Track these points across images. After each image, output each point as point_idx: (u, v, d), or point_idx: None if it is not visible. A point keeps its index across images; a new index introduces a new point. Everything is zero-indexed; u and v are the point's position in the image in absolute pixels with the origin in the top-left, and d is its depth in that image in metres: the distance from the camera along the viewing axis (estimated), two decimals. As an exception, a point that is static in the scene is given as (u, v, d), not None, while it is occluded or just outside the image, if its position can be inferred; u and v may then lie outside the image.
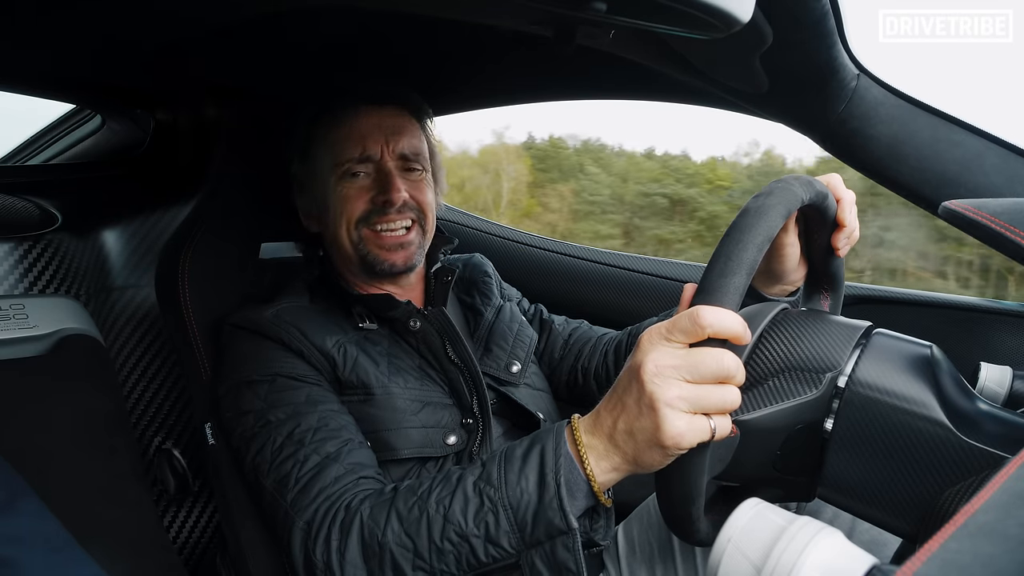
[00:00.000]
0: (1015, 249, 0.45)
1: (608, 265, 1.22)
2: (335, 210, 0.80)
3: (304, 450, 0.66)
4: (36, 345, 0.86)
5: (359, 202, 0.79)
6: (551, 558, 0.53)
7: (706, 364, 0.45)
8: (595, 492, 0.53)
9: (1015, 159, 0.68)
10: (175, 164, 1.06)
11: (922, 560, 0.21)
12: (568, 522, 0.52)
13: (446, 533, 0.55)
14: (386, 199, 0.79)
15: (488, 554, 0.54)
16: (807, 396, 0.47)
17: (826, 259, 0.61)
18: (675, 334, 0.46)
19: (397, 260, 0.80)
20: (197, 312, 0.82)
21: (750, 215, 0.46)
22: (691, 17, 0.44)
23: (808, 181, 0.52)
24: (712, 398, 0.45)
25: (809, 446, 0.47)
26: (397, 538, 0.57)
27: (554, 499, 0.52)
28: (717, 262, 0.45)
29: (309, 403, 0.70)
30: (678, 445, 0.45)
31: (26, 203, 0.93)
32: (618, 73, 0.94)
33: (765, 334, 0.51)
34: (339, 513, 0.61)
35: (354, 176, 0.80)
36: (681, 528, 0.48)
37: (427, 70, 1.01)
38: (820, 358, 0.48)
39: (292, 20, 0.75)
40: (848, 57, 0.67)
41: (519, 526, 0.53)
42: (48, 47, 0.73)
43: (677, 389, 0.45)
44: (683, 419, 0.45)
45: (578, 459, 0.53)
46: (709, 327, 0.44)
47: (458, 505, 0.55)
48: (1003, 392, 0.61)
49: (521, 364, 0.86)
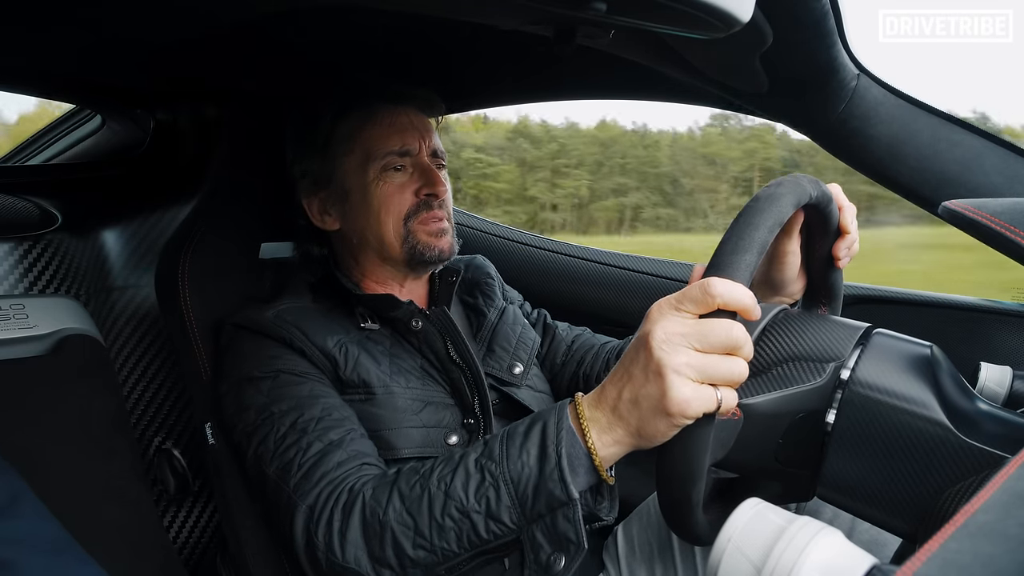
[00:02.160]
0: (1015, 249, 0.45)
1: (608, 265, 1.22)
2: (377, 205, 0.80)
3: (307, 437, 0.67)
4: (36, 345, 0.86)
5: (404, 197, 0.80)
6: (552, 530, 0.52)
7: (715, 333, 0.45)
8: (596, 467, 0.52)
9: (1015, 159, 0.68)
10: (175, 164, 1.06)
11: (922, 560, 0.21)
12: (568, 492, 0.51)
13: (447, 509, 0.55)
14: (432, 192, 0.80)
15: (489, 530, 0.54)
16: (810, 384, 0.47)
17: (825, 270, 0.62)
18: (685, 304, 0.46)
19: (444, 247, 0.82)
20: (197, 312, 0.82)
21: (762, 200, 0.47)
22: (691, 17, 0.44)
23: (815, 181, 0.53)
24: (720, 368, 0.45)
25: (811, 438, 0.47)
26: (398, 516, 0.57)
27: (555, 470, 0.51)
28: (729, 240, 0.45)
29: (312, 396, 0.70)
30: (683, 412, 0.45)
31: (26, 203, 0.93)
32: (618, 73, 0.94)
33: (768, 329, 0.51)
34: (342, 496, 0.61)
35: (396, 171, 0.80)
36: (679, 515, 0.48)
37: (427, 70, 1.01)
38: (823, 349, 0.48)
39: (292, 20, 0.75)
40: (848, 57, 0.67)
41: (520, 500, 0.53)
42: (48, 47, 0.73)
43: (685, 356, 0.45)
44: (689, 386, 0.45)
45: (580, 434, 0.52)
46: (719, 297, 0.44)
47: (459, 481, 0.55)
48: (1003, 392, 0.61)
49: (523, 366, 0.86)
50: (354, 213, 0.81)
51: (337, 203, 0.83)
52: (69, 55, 0.77)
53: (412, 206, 0.80)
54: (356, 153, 0.80)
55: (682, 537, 0.51)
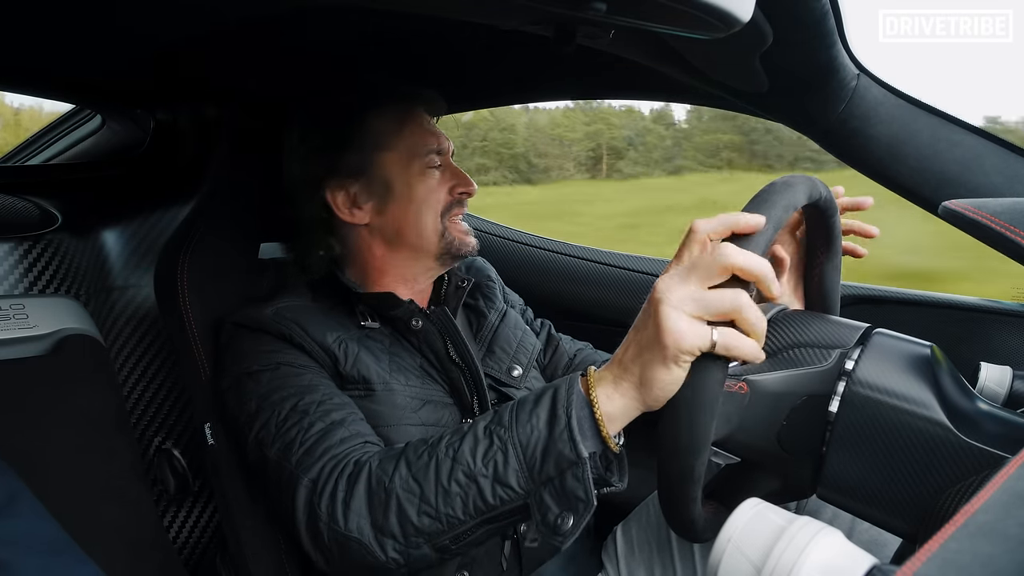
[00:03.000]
0: (1015, 249, 0.45)
1: (608, 265, 1.22)
2: (420, 200, 0.82)
3: (308, 418, 0.66)
4: (36, 345, 0.86)
5: (440, 194, 0.83)
6: (560, 491, 0.51)
7: (715, 266, 0.45)
8: (603, 437, 0.52)
9: (1015, 159, 0.68)
10: (175, 164, 1.06)
11: (922, 560, 0.21)
12: (578, 451, 0.50)
13: (454, 474, 0.54)
14: (467, 191, 0.84)
15: (496, 495, 0.53)
16: (815, 367, 0.48)
17: (823, 289, 0.62)
18: (696, 272, 0.47)
19: (473, 244, 0.85)
20: (196, 312, 0.82)
21: (777, 185, 0.48)
22: (691, 17, 0.44)
23: (824, 184, 0.54)
24: (722, 300, 0.45)
25: (813, 424, 0.47)
26: (404, 483, 0.57)
27: (564, 431, 0.51)
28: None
29: (312, 385, 0.70)
30: (678, 345, 0.44)
31: (26, 203, 0.93)
32: (618, 73, 0.94)
33: (772, 322, 0.52)
34: (347, 467, 0.61)
35: (434, 168, 0.83)
36: (678, 496, 0.47)
37: (429, 70, 1.01)
38: (828, 338, 0.49)
39: (292, 20, 0.75)
40: (848, 57, 0.67)
41: (528, 464, 0.52)
42: (48, 47, 0.73)
43: (683, 290, 0.45)
44: (685, 320, 0.45)
45: (589, 399, 0.52)
46: (731, 260, 0.44)
47: (467, 446, 0.55)
48: (1003, 392, 0.61)
49: (523, 369, 0.86)
50: (396, 206, 0.82)
51: (375, 196, 0.82)
52: (69, 55, 0.77)
53: (448, 203, 0.83)
54: (399, 149, 0.82)
55: (678, 531, 0.50)
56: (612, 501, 0.80)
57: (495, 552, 0.77)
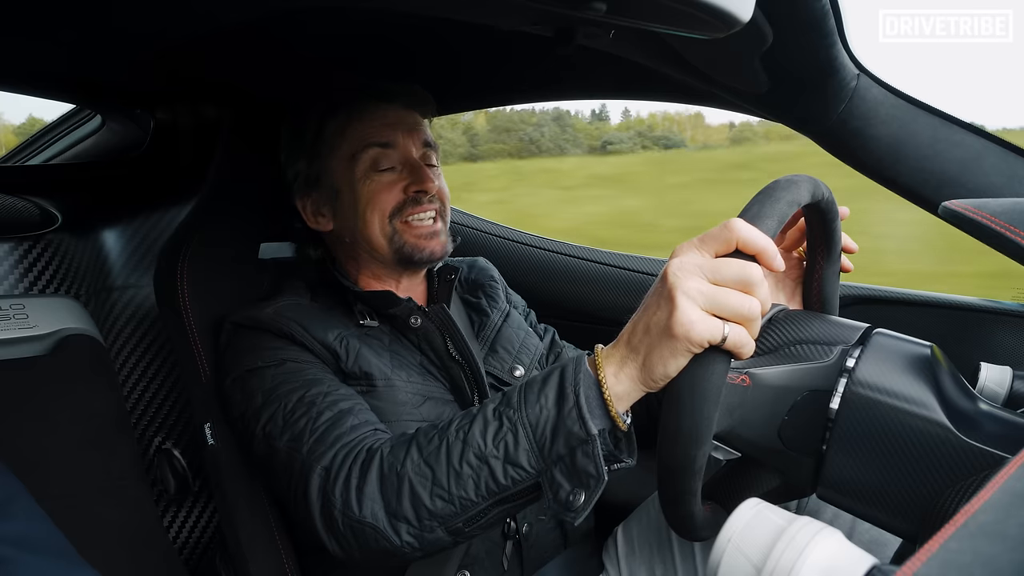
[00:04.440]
0: (1015, 249, 0.45)
1: (608, 265, 1.22)
2: (363, 203, 0.79)
3: (316, 408, 0.66)
4: (36, 345, 0.86)
5: (391, 194, 0.79)
6: (571, 468, 0.52)
7: (730, 267, 0.46)
8: (612, 415, 0.52)
9: (1015, 159, 0.68)
10: (175, 164, 1.06)
11: (922, 560, 0.21)
12: (587, 429, 0.50)
13: (465, 456, 0.55)
14: (420, 188, 0.79)
15: (507, 475, 0.54)
16: (817, 362, 0.48)
17: (822, 294, 0.62)
18: (707, 242, 0.47)
19: (435, 248, 0.81)
20: (196, 312, 0.82)
21: (781, 181, 0.49)
22: (691, 17, 0.45)
23: (827, 186, 0.54)
24: (730, 300, 0.45)
25: (814, 420, 0.47)
26: (416, 467, 0.57)
27: (573, 409, 0.51)
28: (750, 209, 0.47)
29: (316, 378, 0.70)
30: (687, 335, 0.45)
31: (26, 203, 0.93)
32: (618, 73, 0.94)
33: (773, 321, 0.53)
34: (360, 455, 0.61)
35: (383, 171, 0.80)
36: (678, 490, 0.47)
37: (427, 70, 1.01)
38: (829, 335, 0.50)
39: (291, 20, 0.75)
40: (848, 57, 0.67)
41: (538, 443, 0.53)
42: (48, 46, 0.72)
43: (697, 283, 0.46)
44: (697, 311, 0.45)
45: (596, 377, 0.52)
46: (738, 232, 0.45)
47: (477, 429, 0.55)
48: (1003, 392, 0.61)
49: (524, 369, 0.86)
50: (344, 212, 0.81)
51: (328, 203, 0.83)
52: (69, 55, 0.77)
53: (398, 203, 0.80)
54: (343, 150, 0.80)
55: (675, 527, 0.50)
56: (612, 502, 0.80)
57: (496, 552, 0.77)
